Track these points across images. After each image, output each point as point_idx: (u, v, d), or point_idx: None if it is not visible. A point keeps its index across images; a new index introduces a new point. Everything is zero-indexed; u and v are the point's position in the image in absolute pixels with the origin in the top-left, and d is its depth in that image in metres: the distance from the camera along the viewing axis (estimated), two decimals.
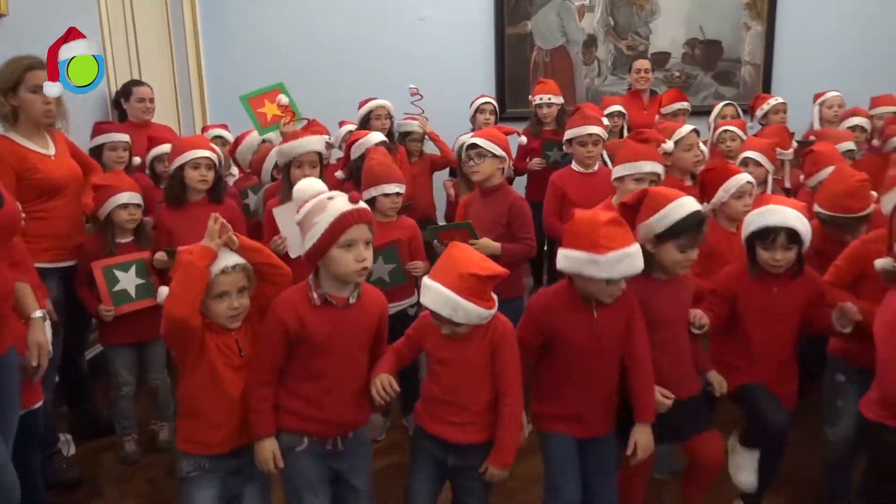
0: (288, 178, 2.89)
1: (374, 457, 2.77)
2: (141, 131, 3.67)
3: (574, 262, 1.96)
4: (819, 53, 5.49)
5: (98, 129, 3.35)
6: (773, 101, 4.36)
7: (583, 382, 2.09)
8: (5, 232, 1.98)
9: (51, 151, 2.76)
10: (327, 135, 3.42)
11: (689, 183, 3.24)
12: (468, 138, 3.18)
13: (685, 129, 3.22)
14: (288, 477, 2.01)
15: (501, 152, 2.92)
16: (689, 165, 3.27)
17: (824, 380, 2.51)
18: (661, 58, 5.60)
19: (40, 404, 2.21)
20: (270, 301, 1.98)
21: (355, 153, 3.32)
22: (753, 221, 2.26)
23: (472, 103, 4.50)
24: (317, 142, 2.98)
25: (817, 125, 4.41)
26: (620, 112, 4.41)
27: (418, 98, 4.20)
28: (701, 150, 3.44)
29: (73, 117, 2.83)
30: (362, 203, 1.92)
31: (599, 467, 2.14)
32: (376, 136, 3.42)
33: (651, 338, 2.14)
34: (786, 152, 3.47)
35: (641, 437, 2.08)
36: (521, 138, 3.85)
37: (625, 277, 1.97)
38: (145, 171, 3.51)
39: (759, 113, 4.39)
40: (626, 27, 5.57)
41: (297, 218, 1.94)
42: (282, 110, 3.24)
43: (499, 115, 4.59)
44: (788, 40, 5.55)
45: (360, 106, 4.22)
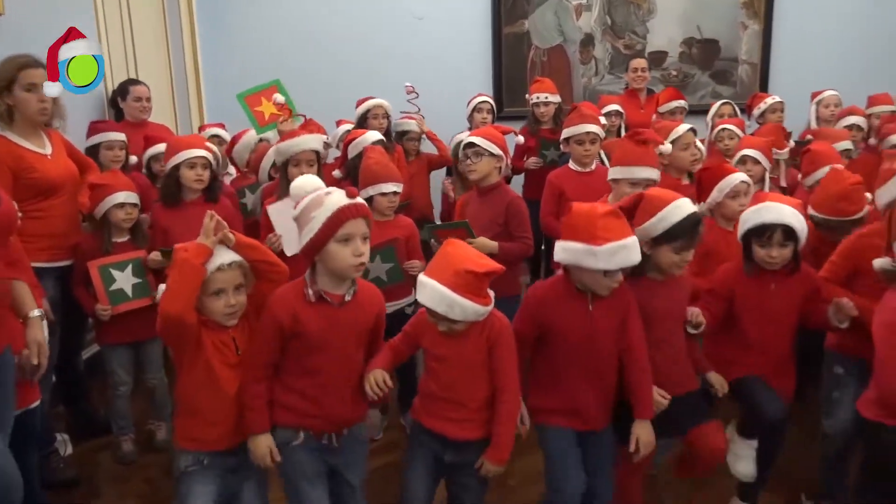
0: (285, 176, 2.89)
1: (372, 456, 2.77)
2: (138, 130, 3.66)
3: (571, 254, 1.97)
4: (816, 53, 5.50)
5: (94, 128, 3.34)
6: (770, 100, 4.37)
7: (579, 376, 2.09)
8: (2, 231, 1.97)
9: (47, 151, 2.75)
10: (324, 134, 3.43)
11: (686, 182, 3.25)
12: (465, 137, 3.18)
13: (682, 129, 3.22)
14: (285, 471, 2.01)
15: (499, 151, 2.92)
16: (686, 164, 3.28)
17: (822, 374, 2.51)
18: (659, 57, 5.60)
19: (37, 404, 2.21)
20: (267, 298, 1.98)
21: (352, 152, 3.31)
22: (749, 219, 2.27)
23: (469, 102, 4.50)
24: (314, 140, 2.98)
25: (814, 124, 4.42)
26: (618, 111, 4.41)
27: (414, 96, 4.19)
28: (698, 148, 3.44)
29: (69, 116, 2.83)
30: (359, 198, 1.92)
31: (597, 462, 2.14)
32: (373, 135, 3.41)
33: (647, 337, 2.14)
34: (781, 152, 3.47)
35: (643, 432, 2.08)
36: (519, 138, 3.85)
37: (622, 268, 1.97)
38: (142, 170, 3.51)
39: (757, 112, 4.40)
40: (623, 26, 5.57)
41: (295, 213, 1.94)
42: (278, 108, 3.24)
43: (496, 114, 4.58)
44: (785, 39, 5.56)
45: (358, 105, 4.21)
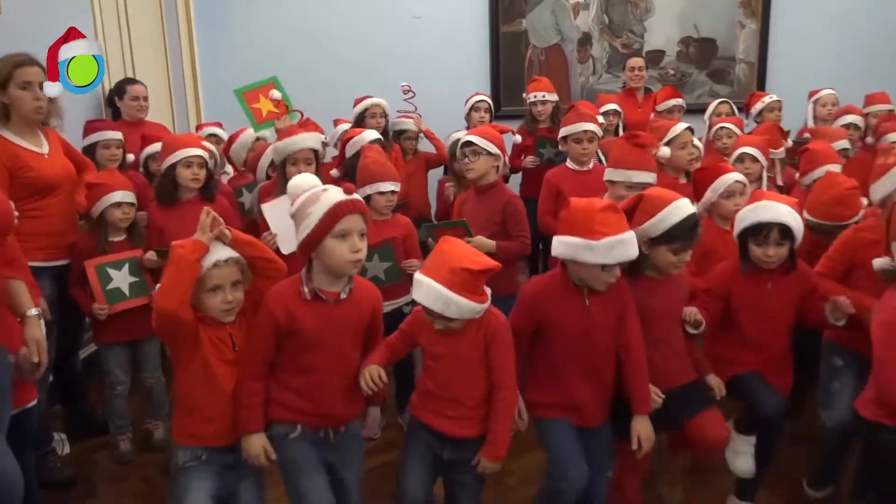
0: (284, 175, 2.88)
1: (369, 455, 2.78)
2: (135, 129, 3.64)
3: (569, 248, 1.97)
4: (813, 52, 5.51)
5: (90, 127, 3.33)
6: (767, 99, 4.37)
7: (576, 371, 2.10)
8: None
9: (44, 150, 2.74)
10: (322, 133, 3.42)
11: (683, 181, 3.24)
12: (461, 135, 3.17)
13: (679, 128, 3.21)
14: (284, 463, 2.00)
15: (496, 150, 2.92)
16: (684, 164, 3.27)
17: (818, 370, 2.51)
18: (656, 56, 5.60)
19: (34, 403, 2.20)
20: (264, 295, 1.97)
21: (350, 151, 3.31)
22: (746, 217, 2.27)
23: (466, 101, 4.49)
24: (312, 139, 2.98)
25: (811, 123, 4.42)
26: (616, 111, 4.40)
27: (411, 96, 4.19)
28: (696, 147, 3.44)
29: (66, 115, 2.82)
30: (356, 195, 1.92)
31: (594, 458, 2.14)
32: (370, 133, 3.41)
33: (645, 336, 2.14)
34: (776, 151, 3.47)
35: (643, 428, 2.09)
36: (516, 137, 3.85)
37: (619, 263, 1.97)
38: (139, 169, 3.50)
39: (755, 111, 4.40)
40: (620, 25, 5.57)
41: (292, 210, 1.94)
42: (275, 104, 3.24)
43: (493, 113, 4.57)
44: (783, 39, 5.57)
45: (356, 104, 4.20)
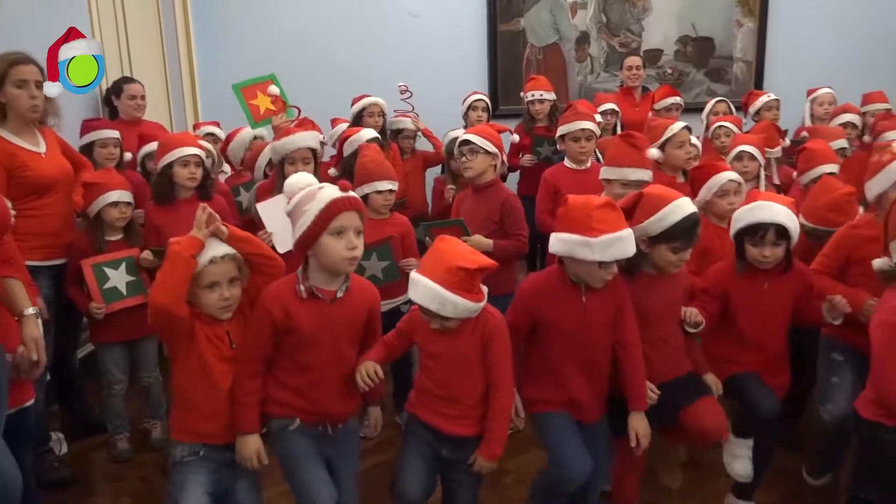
0: (282, 174, 2.88)
1: (367, 454, 2.78)
2: (132, 129, 3.64)
3: (567, 245, 1.97)
4: (811, 50, 5.52)
5: (87, 126, 3.32)
6: (765, 98, 4.36)
7: (573, 368, 2.10)
8: None
9: (41, 149, 2.74)
10: (319, 132, 3.42)
11: (681, 180, 3.24)
12: (458, 133, 3.17)
13: (676, 127, 3.20)
14: (284, 454, 2.00)
15: (494, 149, 2.92)
16: (681, 162, 3.27)
17: (816, 365, 2.52)
18: (654, 55, 5.61)
19: (31, 402, 2.19)
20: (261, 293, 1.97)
21: (348, 150, 3.31)
22: (742, 218, 2.27)
23: (464, 100, 4.49)
24: (309, 138, 2.98)
25: (808, 122, 4.43)
26: (614, 110, 4.41)
27: (408, 96, 4.19)
28: (694, 145, 3.44)
29: (63, 114, 2.81)
30: (352, 192, 1.92)
31: (592, 454, 2.13)
32: (368, 132, 3.41)
33: (644, 334, 2.14)
34: (772, 150, 3.47)
35: (640, 424, 2.09)
36: (514, 136, 3.85)
37: (616, 260, 1.97)
38: (136, 168, 3.50)
39: (753, 109, 4.40)
40: (618, 24, 5.58)
41: (288, 208, 1.94)
42: (273, 101, 3.23)
43: (491, 112, 4.57)
44: (780, 37, 5.58)
45: (353, 103, 4.20)
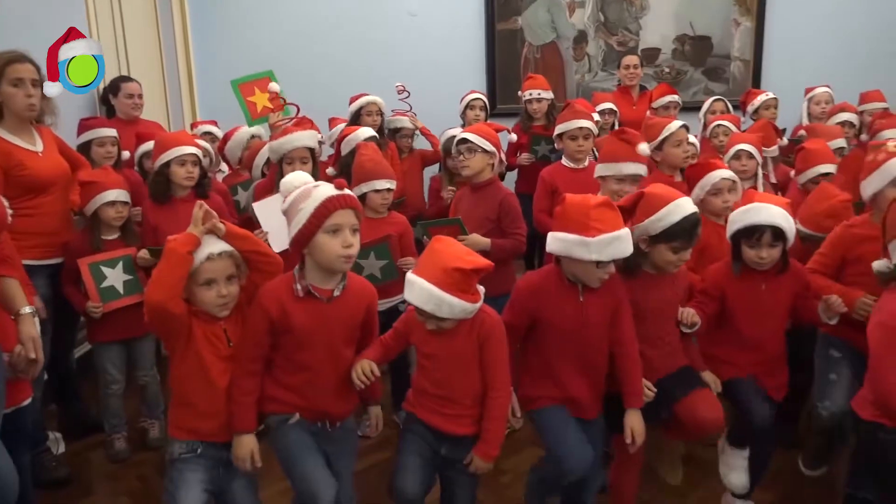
0: (280, 174, 2.88)
1: (366, 452, 2.78)
2: (129, 128, 3.63)
3: (564, 244, 1.97)
4: (808, 49, 5.52)
5: (84, 125, 3.30)
6: (764, 97, 4.38)
7: (571, 366, 2.10)
8: None
9: (38, 148, 2.74)
10: (317, 131, 3.41)
11: (678, 179, 3.24)
12: (455, 132, 3.17)
13: (674, 125, 3.19)
14: (282, 447, 1.99)
15: (492, 147, 2.92)
16: (679, 161, 3.27)
17: (815, 358, 2.52)
18: (652, 54, 5.61)
19: (28, 402, 2.18)
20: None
21: (345, 149, 3.31)
22: (738, 220, 2.27)
23: (462, 99, 4.49)
24: (307, 137, 2.98)
25: (806, 120, 4.43)
26: (612, 109, 4.41)
27: (406, 96, 4.19)
28: (692, 144, 3.44)
29: (60, 113, 2.81)
30: (348, 190, 1.92)
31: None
32: (365, 131, 3.41)
33: (642, 333, 2.15)
34: (769, 149, 3.47)
35: (635, 422, 2.09)
36: (511, 135, 3.85)
37: (614, 260, 1.97)
38: (134, 167, 3.49)
39: (751, 108, 4.41)
40: (616, 23, 5.58)
41: (284, 206, 1.94)
42: (272, 98, 3.23)
43: (489, 111, 4.57)
44: (778, 36, 5.58)
45: (351, 102, 4.20)
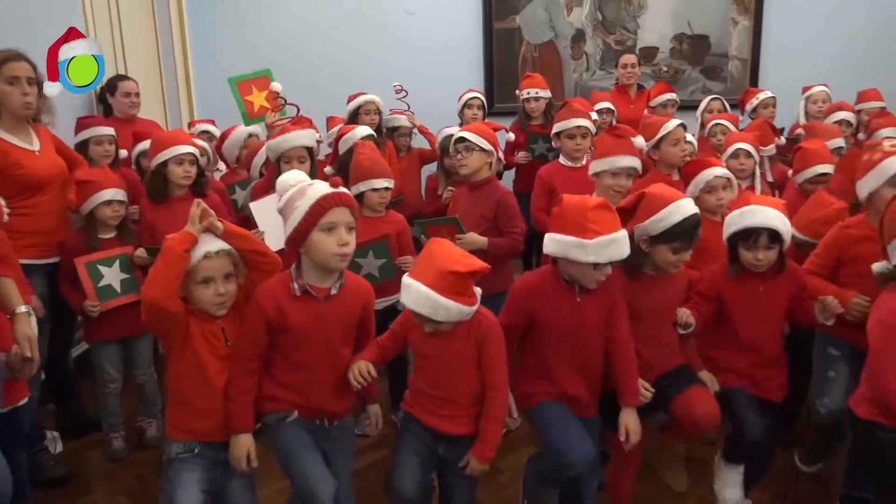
0: (278, 173, 2.87)
1: (364, 451, 2.78)
2: (127, 126, 3.63)
3: (561, 246, 1.97)
4: (806, 48, 5.52)
5: (82, 123, 3.30)
6: (762, 96, 4.38)
7: (569, 366, 2.10)
8: None
9: (35, 147, 2.73)
10: (315, 130, 3.41)
11: (676, 178, 3.24)
12: (452, 131, 3.16)
13: (672, 124, 3.18)
14: (281, 444, 1.99)
15: (489, 146, 2.92)
16: (676, 160, 3.26)
17: (813, 356, 2.52)
18: (649, 52, 5.61)
19: (25, 401, 2.18)
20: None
21: (343, 148, 3.31)
22: (735, 222, 2.27)
23: (459, 98, 4.49)
24: (305, 137, 2.97)
25: (803, 119, 4.44)
26: (610, 109, 4.41)
27: (403, 95, 4.19)
28: (690, 142, 3.44)
29: (57, 112, 2.79)
30: (343, 188, 1.91)
31: None
32: (363, 130, 3.41)
33: (640, 333, 2.15)
34: (766, 148, 3.48)
35: (630, 420, 2.09)
36: (509, 134, 3.85)
37: (611, 262, 1.97)
38: (131, 165, 3.49)
39: (749, 107, 4.42)
40: (614, 22, 5.58)
41: (279, 205, 1.93)
42: (272, 97, 3.23)
43: (487, 109, 4.57)
44: (775, 35, 5.58)
45: (349, 101, 4.20)
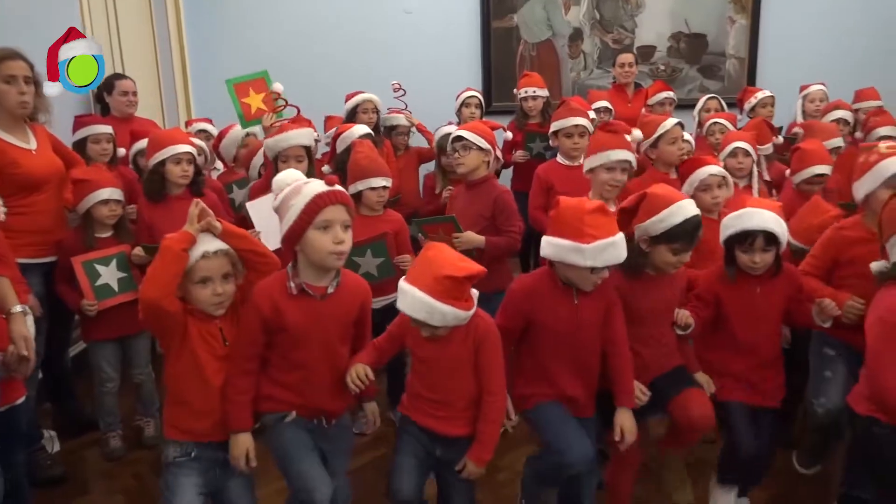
0: (276, 172, 2.87)
1: (362, 450, 2.78)
2: (124, 125, 3.63)
3: (558, 250, 1.97)
4: (803, 47, 5.52)
5: (79, 122, 3.30)
6: (760, 95, 4.38)
7: (566, 367, 2.10)
8: None
9: (32, 146, 2.73)
10: (313, 129, 3.41)
11: (674, 176, 3.24)
12: (449, 129, 3.16)
13: (669, 123, 3.18)
14: (279, 444, 1.99)
15: (487, 145, 2.92)
16: (674, 159, 3.26)
17: (810, 356, 2.53)
18: (647, 51, 5.61)
19: (22, 400, 2.18)
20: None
21: (340, 146, 3.31)
22: (731, 225, 2.26)
23: (457, 97, 4.48)
24: (303, 136, 2.97)
25: (800, 118, 4.44)
26: (607, 108, 4.40)
27: (402, 94, 4.19)
28: (687, 141, 3.44)
29: (55, 111, 2.79)
30: (338, 186, 1.91)
31: None
32: (360, 128, 3.41)
33: (639, 333, 2.15)
34: (763, 147, 3.48)
35: (626, 421, 2.10)
36: (507, 133, 3.85)
37: (608, 266, 1.97)
38: (129, 164, 3.48)
39: (748, 106, 4.41)
40: (611, 21, 5.58)
41: (275, 204, 1.93)
42: (272, 98, 3.23)
43: (485, 108, 4.57)
44: (773, 34, 5.58)
45: (347, 100, 4.20)
